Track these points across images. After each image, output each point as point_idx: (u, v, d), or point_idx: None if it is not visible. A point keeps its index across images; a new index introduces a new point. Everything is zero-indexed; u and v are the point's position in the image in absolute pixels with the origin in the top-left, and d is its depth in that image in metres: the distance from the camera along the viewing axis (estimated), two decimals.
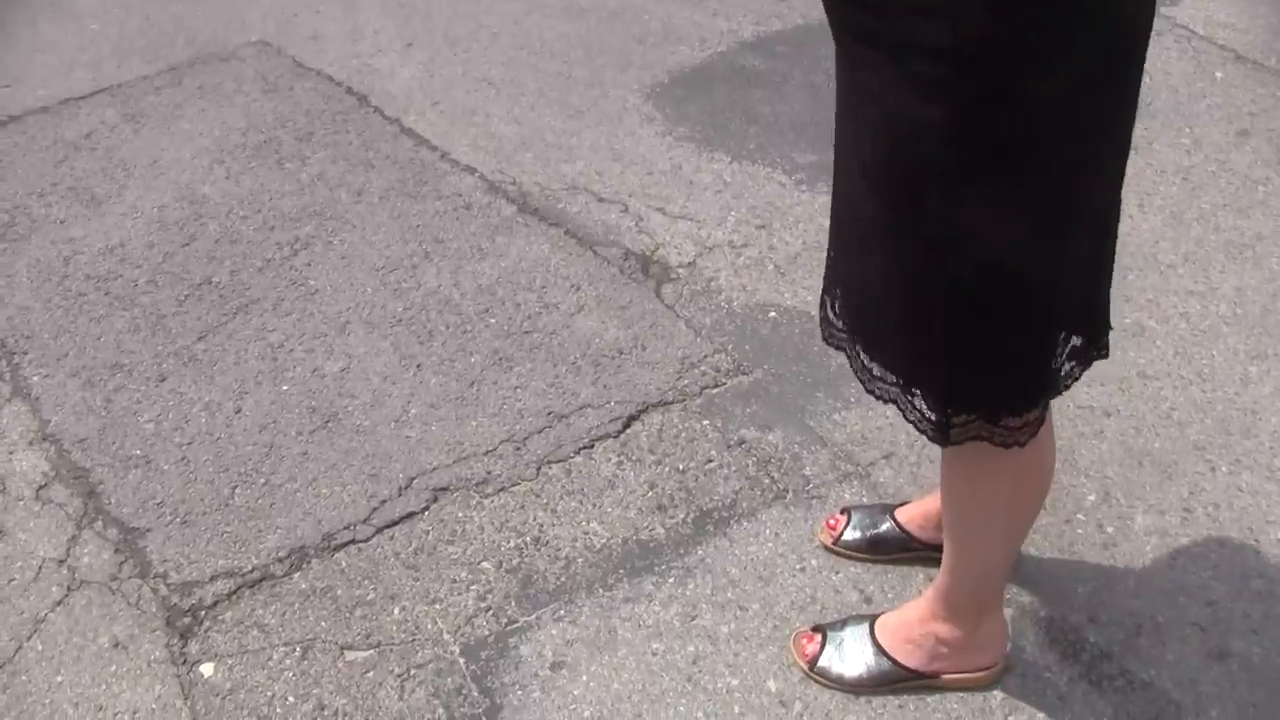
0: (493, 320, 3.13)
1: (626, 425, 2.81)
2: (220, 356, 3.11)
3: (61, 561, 2.61)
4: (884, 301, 1.75)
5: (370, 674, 2.33)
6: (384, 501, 2.67)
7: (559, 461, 2.73)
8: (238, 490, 2.73)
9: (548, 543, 2.55)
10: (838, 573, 2.43)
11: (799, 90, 4.03)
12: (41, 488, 2.79)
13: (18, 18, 5.17)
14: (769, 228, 3.38)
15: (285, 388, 2.99)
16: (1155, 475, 2.60)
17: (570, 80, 4.24)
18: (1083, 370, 1.81)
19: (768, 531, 2.53)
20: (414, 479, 2.71)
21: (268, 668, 2.36)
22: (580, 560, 2.51)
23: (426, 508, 2.65)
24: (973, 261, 1.60)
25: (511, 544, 2.55)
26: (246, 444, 2.85)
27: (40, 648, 2.44)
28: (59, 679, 2.38)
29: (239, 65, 4.57)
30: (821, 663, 2.25)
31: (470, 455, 2.76)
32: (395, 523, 2.62)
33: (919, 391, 1.79)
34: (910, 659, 2.19)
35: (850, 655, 2.23)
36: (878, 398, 1.87)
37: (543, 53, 4.43)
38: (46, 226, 3.71)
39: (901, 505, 2.48)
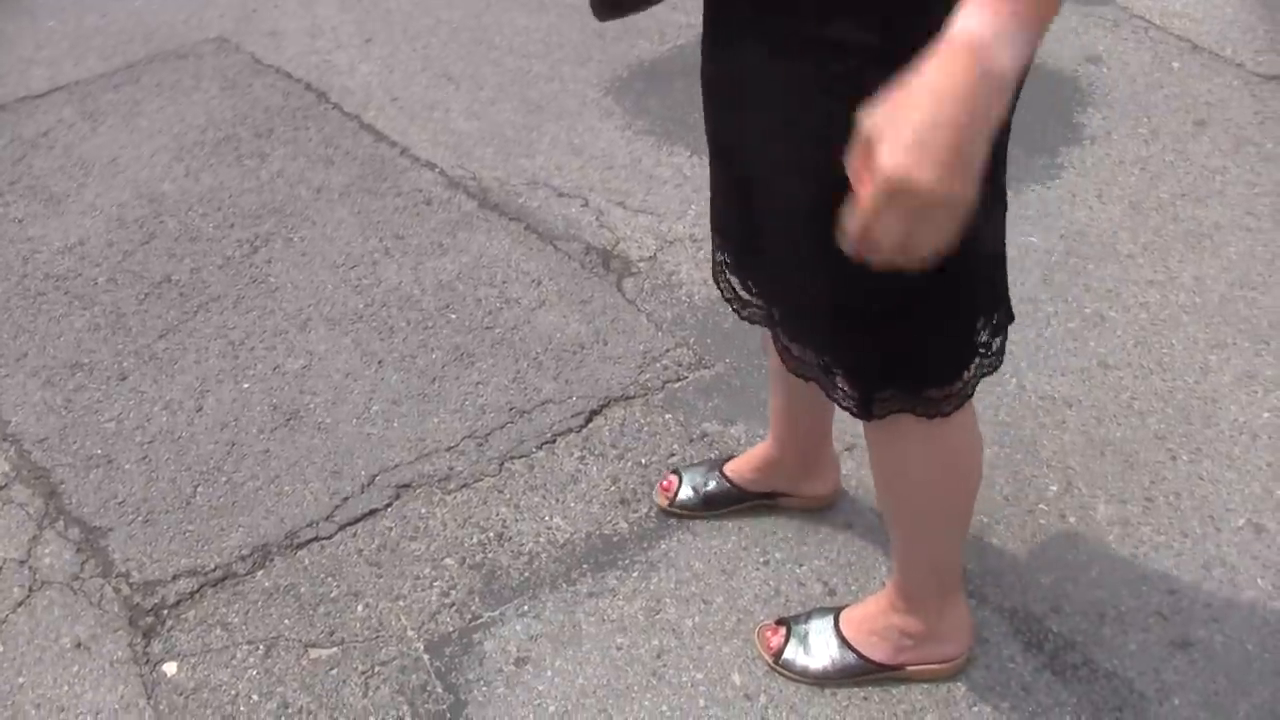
0: (454, 316, 3.13)
1: (589, 420, 2.81)
2: (181, 355, 3.10)
3: (23, 562, 2.60)
4: (804, 288, 1.75)
5: (334, 671, 2.33)
6: (346, 499, 2.66)
7: (521, 457, 2.73)
8: (199, 489, 2.72)
9: (511, 538, 2.55)
10: (801, 565, 2.44)
11: None
12: (2, 488, 2.77)
13: None
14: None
15: (246, 385, 2.98)
16: (1117, 465, 2.62)
17: (530, 75, 4.24)
18: (1003, 342, 1.81)
19: (730, 525, 2.54)
20: (376, 476, 2.71)
21: (231, 666, 2.35)
22: (544, 555, 2.51)
23: (389, 504, 2.64)
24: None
25: (474, 540, 2.55)
26: (208, 442, 2.84)
27: (1, 649, 2.43)
28: (20, 680, 2.36)
29: (197, 62, 4.54)
30: (786, 655, 2.25)
31: (432, 451, 2.76)
32: (358, 520, 2.62)
33: (840, 371, 1.79)
34: (875, 651, 2.20)
35: (815, 648, 2.24)
36: (798, 375, 1.89)
37: (502, 47, 4.43)
38: (4, 225, 3.68)
39: (729, 459, 2.55)
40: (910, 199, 1.20)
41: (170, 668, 2.36)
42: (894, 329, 1.70)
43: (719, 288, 2.01)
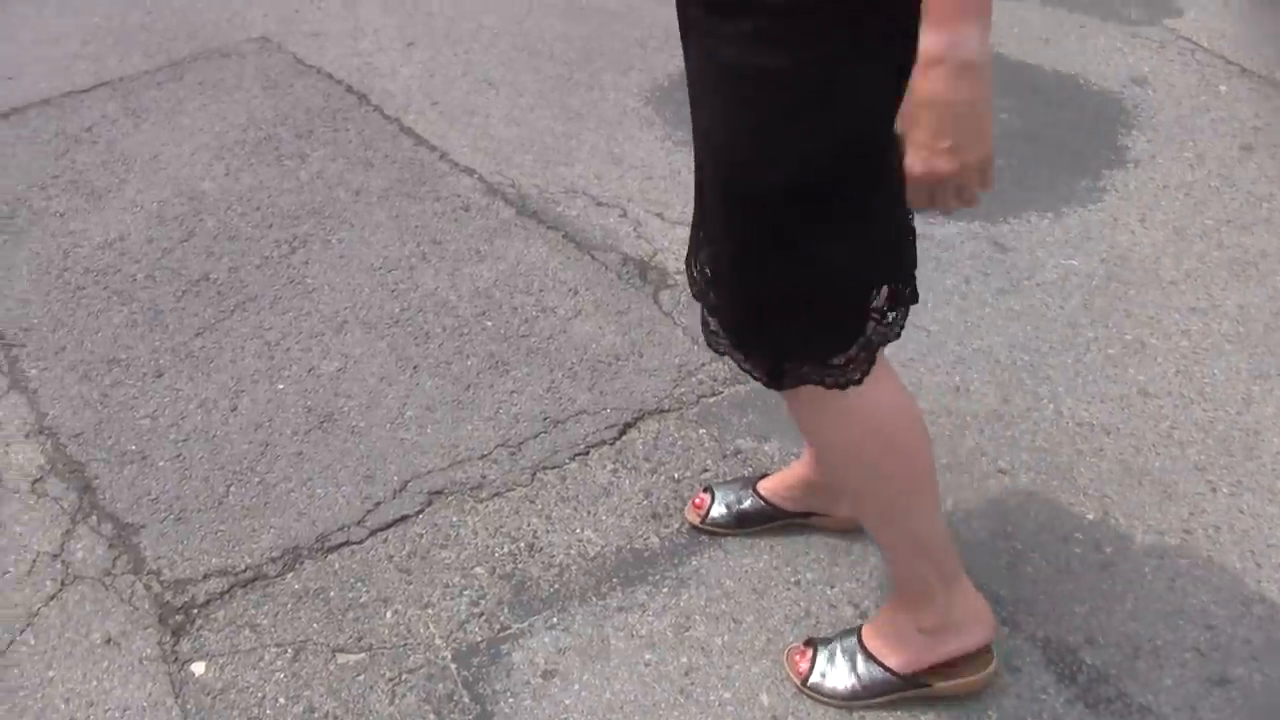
0: (489, 323, 3.13)
1: (622, 432, 2.80)
2: (217, 354, 3.10)
3: (56, 556, 2.60)
4: (721, 260, 1.85)
5: (361, 677, 2.32)
6: (378, 504, 2.66)
7: (554, 468, 2.73)
8: (232, 489, 2.72)
9: (541, 549, 2.54)
10: (833, 587, 2.43)
11: None
12: (37, 481, 2.78)
13: (22, 9, 5.16)
14: None
15: (281, 386, 2.98)
16: (1155, 495, 2.59)
17: (570, 82, 4.24)
18: (903, 315, 1.90)
19: (762, 543, 2.52)
20: (409, 482, 2.70)
21: (259, 668, 2.35)
22: (574, 568, 2.50)
23: (421, 511, 2.64)
24: (796, 235, 1.72)
25: (505, 550, 2.55)
26: (242, 442, 2.84)
27: (33, 642, 2.43)
28: (51, 674, 2.37)
29: (240, 61, 4.56)
30: (814, 679, 2.23)
31: (465, 459, 2.75)
32: (389, 525, 2.61)
33: (749, 343, 1.89)
34: (897, 659, 2.18)
35: (840, 667, 2.22)
36: (715, 350, 1.96)
37: (543, 54, 4.43)
38: (46, 219, 3.70)
39: (763, 478, 2.54)
40: (940, 184, 1.55)
41: (198, 667, 2.36)
42: (789, 300, 1.79)
43: (686, 268, 2.06)
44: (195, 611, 2.46)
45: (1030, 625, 2.33)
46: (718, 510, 2.55)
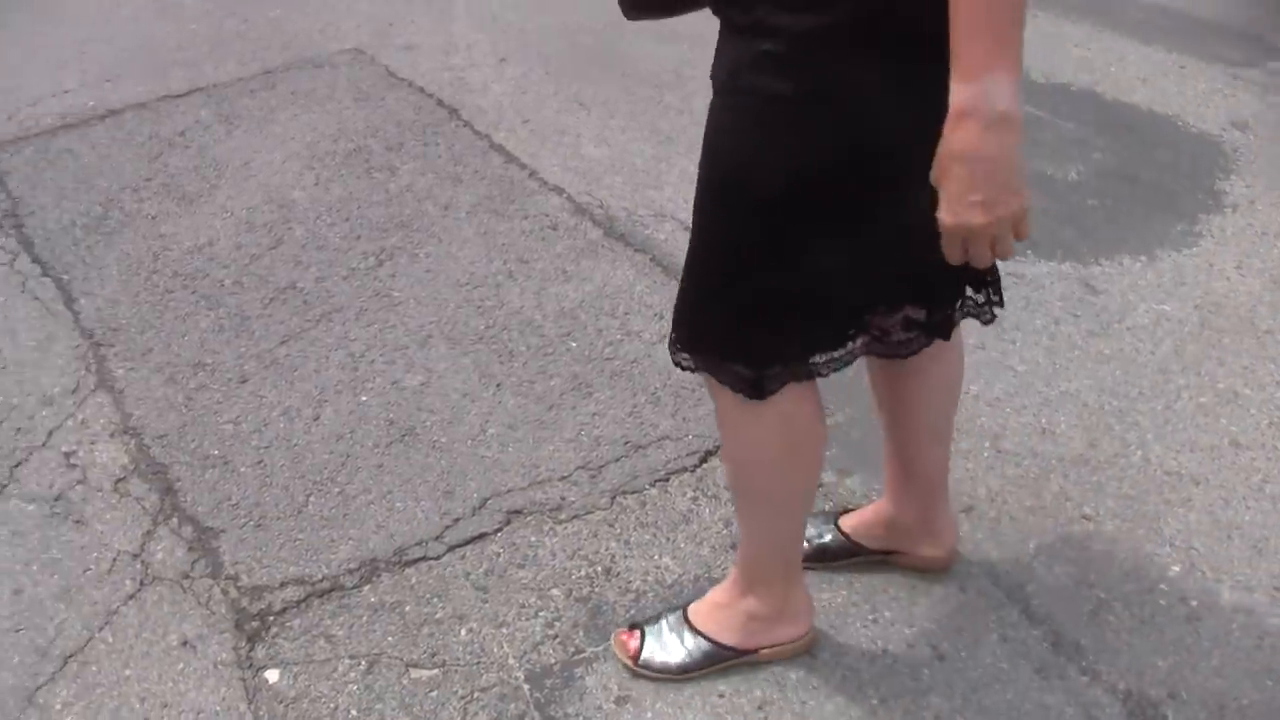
0: (574, 344, 3.13)
1: (703, 460, 2.79)
2: (301, 362, 3.12)
3: (136, 555, 2.62)
4: (700, 276, 1.89)
5: (434, 693, 2.32)
6: (457, 520, 2.66)
7: (634, 492, 2.71)
8: (312, 498, 2.73)
9: (619, 574, 2.53)
10: (911, 627, 2.39)
11: None
12: (120, 480, 2.80)
13: (121, 14, 5.24)
14: None
15: (364, 398, 2.99)
16: (1245, 550, 2.54)
17: (661, 105, 4.24)
18: (921, 342, 1.98)
19: (841, 579, 2.49)
20: (488, 499, 2.70)
21: (332, 679, 2.35)
22: (651, 594, 2.49)
23: (499, 529, 2.63)
24: (793, 243, 1.75)
25: (582, 572, 2.54)
26: (323, 452, 2.85)
27: (111, 640, 2.44)
28: (127, 673, 2.38)
29: (332, 72, 4.60)
30: (645, 655, 2.30)
31: (545, 479, 2.75)
32: (467, 542, 2.61)
33: (734, 360, 1.89)
34: (727, 636, 2.27)
35: (670, 644, 2.29)
36: (683, 368, 1.98)
37: (634, 76, 4.44)
38: (138, 221, 3.74)
39: (845, 513, 2.54)
40: (974, 236, 1.54)
41: (272, 675, 2.36)
42: (785, 315, 1.82)
43: None
44: (271, 619, 2.47)
45: (1111, 676, 2.29)
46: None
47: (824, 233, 1.73)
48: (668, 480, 2.71)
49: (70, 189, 3.97)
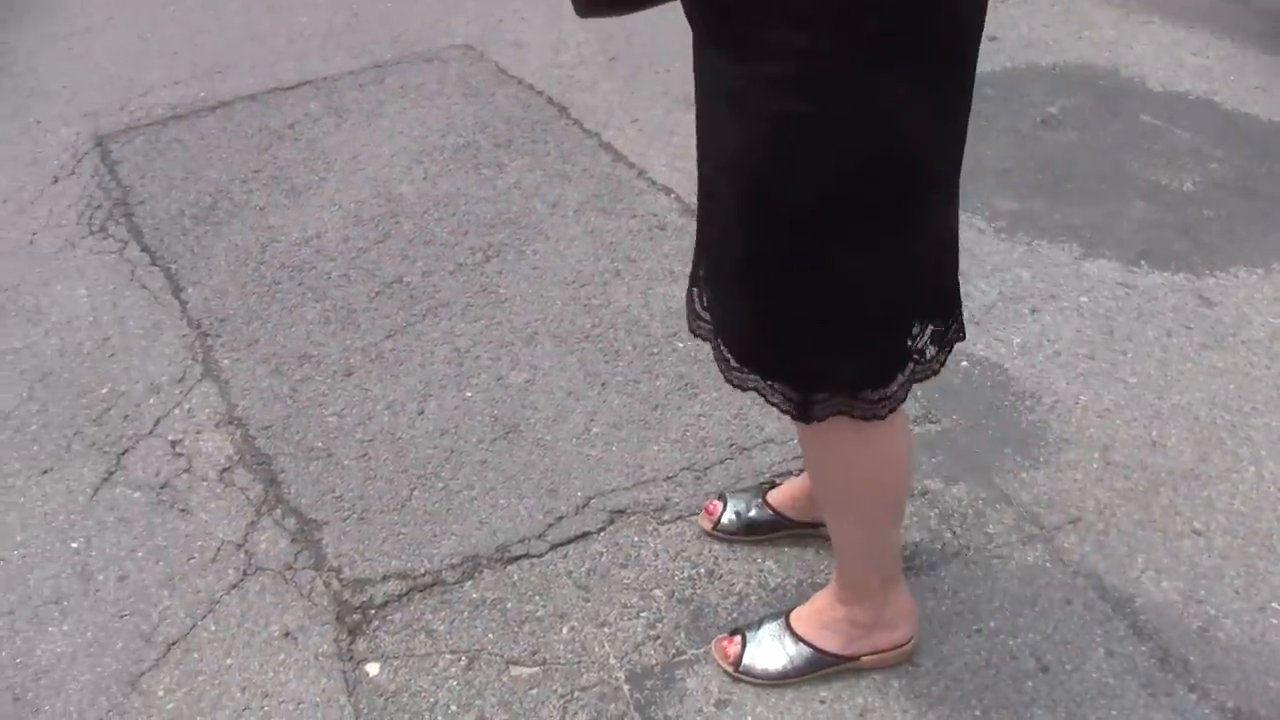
0: (680, 345, 3.10)
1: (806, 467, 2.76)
2: (407, 356, 3.12)
3: (239, 545, 2.63)
4: (739, 295, 1.82)
5: (534, 691, 2.30)
6: (560, 518, 2.65)
7: None
8: (415, 492, 2.73)
9: (722, 576, 2.51)
10: (1015, 638, 2.35)
11: (1003, 135, 3.95)
12: (225, 470, 2.82)
13: (231, 6, 5.29)
14: (966, 275, 3.30)
15: (469, 394, 2.99)
16: None
17: None
18: (945, 354, 1.88)
19: (946, 588, 2.46)
20: (592, 498, 2.69)
21: (432, 674, 2.34)
22: (753, 597, 2.46)
23: (603, 529, 2.62)
24: (826, 256, 1.68)
25: (685, 574, 2.51)
26: (427, 446, 2.85)
27: (213, 628, 2.46)
28: (229, 661, 2.39)
29: (442, 67, 4.61)
30: (745, 662, 2.28)
31: (650, 480, 2.73)
32: (570, 541, 2.60)
33: (777, 377, 1.85)
34: (828, 643, 2.25)
35: (770, 650, 2.27)
36: (736, 386, 1.92)
37: None
38: (246, 212, 3.77)
39: (772, 488, 2.57)
40: None
41: (373, 668, 2.36)
42: (826, 334, 1.76)
43: (687, 297, 2.07)
44: (373, 612, 2.47)
45: (1220, 695, 2.24)
46: (728, 517, 2.57)
47: (861, 247, 1.69)
48: (774, 484, 2.68)
49: (180, 179, 4.01)
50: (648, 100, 4.27)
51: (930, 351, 1.85)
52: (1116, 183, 3.67)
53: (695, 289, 2.03)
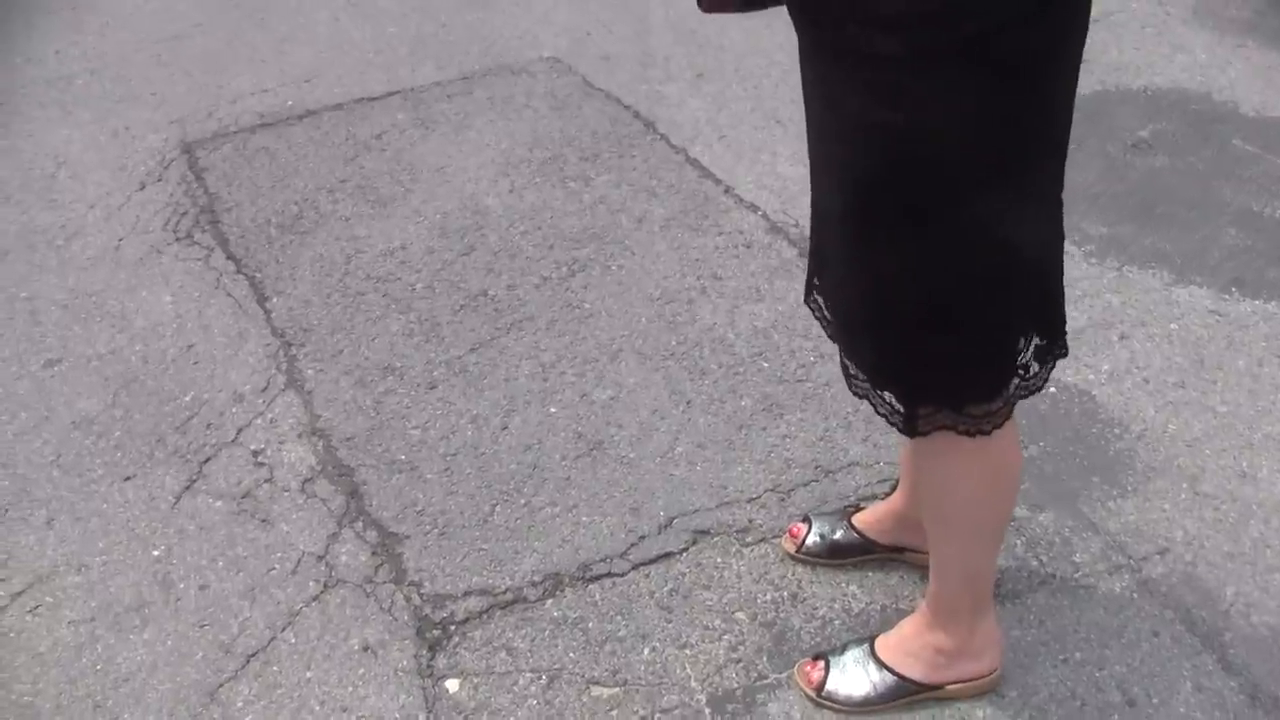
0: (765, 365, 3.07)
1: (894, 489, 2.70)
2: (491, 370, 3.10)
3: (320, 557, 2.62)
4: (853, 302, 1.84)
5: (614, 712, 2.28)
6: (643, 537, 2.62)
7: None
8: (498, 508, 2.71)
9: (805, 600, 2.47)
10: (1101, 670, 2.30)
11: (1093, 159, 3.90)
12: (307, 481, 2.81)
13: (320, 16, 5.32)
14: None
15: (553, 410, 2.97)
16: None
17: None
18: (1048, 371, 1.87)
19: (1032, 616, 2.41)
20: (675, 518, 2.66)
21: (513, 692, 2.32)
22: (837, 622, 2.43)
23: (685, 549, 2.59)
24: (938, 264, 1.68)
25: (768, 597, 2.48)
26: (510, 462, 2.83)
27: (293, 640, 2.45)
28: (308, 675, 2.38)
29: (529, 80, 4.60)
30: (829, 687, 2.26)
31: (734, 500, 2.70)
32: (652, 560, 2.57)
33: (885, 387, 1.87)
34: (912, 671, 2.23)
35: (854, 676, 2.25)
36: (854, 393, 1.97)
37: None
38: (332, 222, 3.77)
39: (857, 511, 2.55)
40: None
41: (452, 684, 2.34)
42: (931, 342, 1.76)
43: (809, 306, 2.06)
44: (453, 628, 2.45)
45: None
46: (812, 539, 2.54)
47: (961, 255, 1.68)
48: (859, 508, 2.64)
49: (266, 188, 4.02)
50: (735, 117, 4.24)
51: (1035, 368, 1.84)
52: (1208, 209, 3.61)
53: (819, 296, 2.03)
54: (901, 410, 1.85)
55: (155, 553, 2.68)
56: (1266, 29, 4.73)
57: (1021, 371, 1.82)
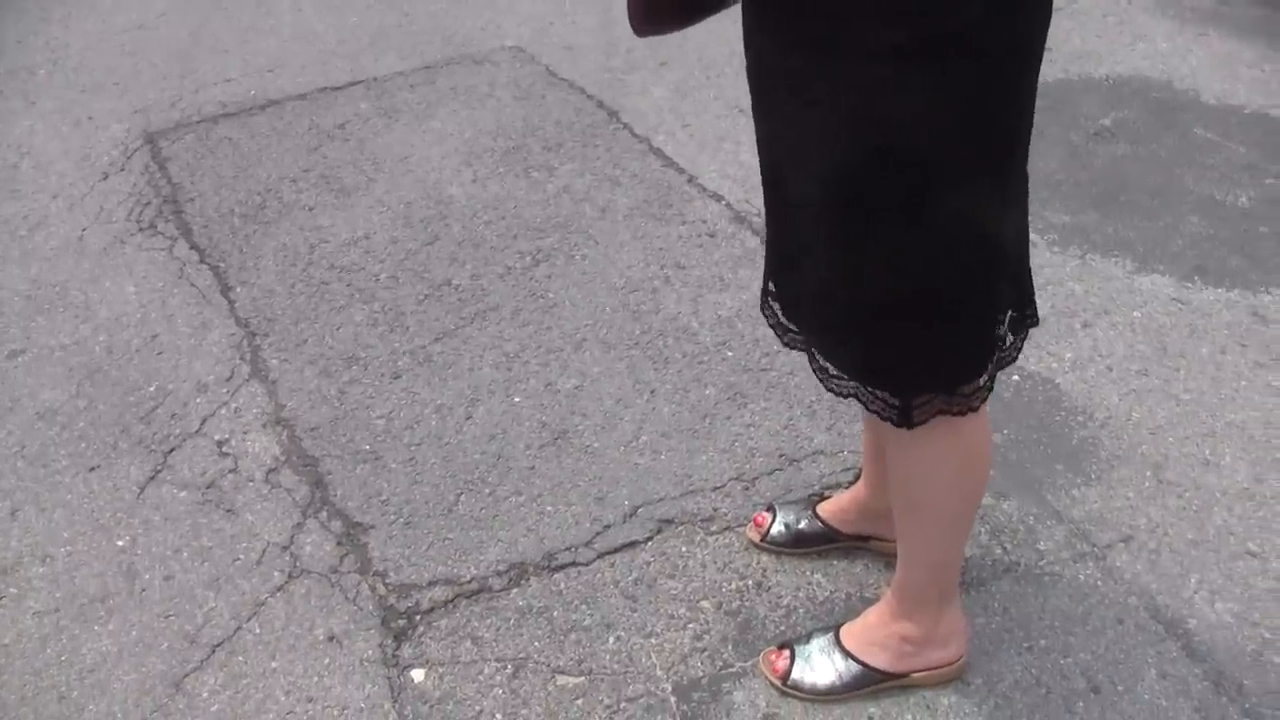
0: (730, 353, 3.08)
1: (858, 477, 2.71)
2: (455, 360, 3.11)
3: (285, 548, 2.62)
4: (837, 302, 1.82)
5: (580, 701, 2.29)
6: (607, 526, 2.63)
7: None
8: (462, 497, 2.71)
9: (770, 588, 2.48)
10: (1066, 657, 2.32)
11: (1055, 146, 3.92)
12: (271, 471, 2.81)
13: (283, 6, 5.30)
14: None
15: (517, 399, 2.98)
16: None
17: None
18: (1022, 340, 1.92)
19: (996, 604, 2.43)
20: (639, 507, 2.67)
21: (478, 681, 2.33)
22: (801, 610, 2.44)
23: (650, 538, 2.60)
24: (926, 255, 1.69)
25: (733, 586, 2.49)
26: (475, 451, 2.83)
27: (258, 630, 2.45)
28: (273, 664, 2.38)
29: (493, 69, 4.60)
30: (794, 676, 2.26)
31: (698, 489, 2.71)
32: (617, 550, 2.58)
33: (879, 383, 1.86)
34: (878, 660, 2.24)
35: (819, 665, 2.26)
36: (837, 394, 1.95)
37: None
38: (295, 212, 3.76)
39: (822, 500, 2.56)
40: None
41: (418, 674, 2.35)
42: (921, 334, 1.78)
43: (764, 315, 2.07)
44: (418, 618, 2.46)
45: None
46: (777, 528, 2.55)
47: (952, 239, 1.70)
48: (823, 496, 2.66)
49: (229, 177, 4.01)
50: (699, 106, 4.25)
51: (1010, 339, 1.88)
52: (1170, 197, 3.63)
53: (775, 303, 2.03)
54: (897, 404, 1.85)
55: (120, 543, 2.67)
56: (1228, 18, 4.77)
57: (1000, 344, 1.85)
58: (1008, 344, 1.88)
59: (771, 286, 2.02)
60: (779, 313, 2.03)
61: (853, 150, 1.63)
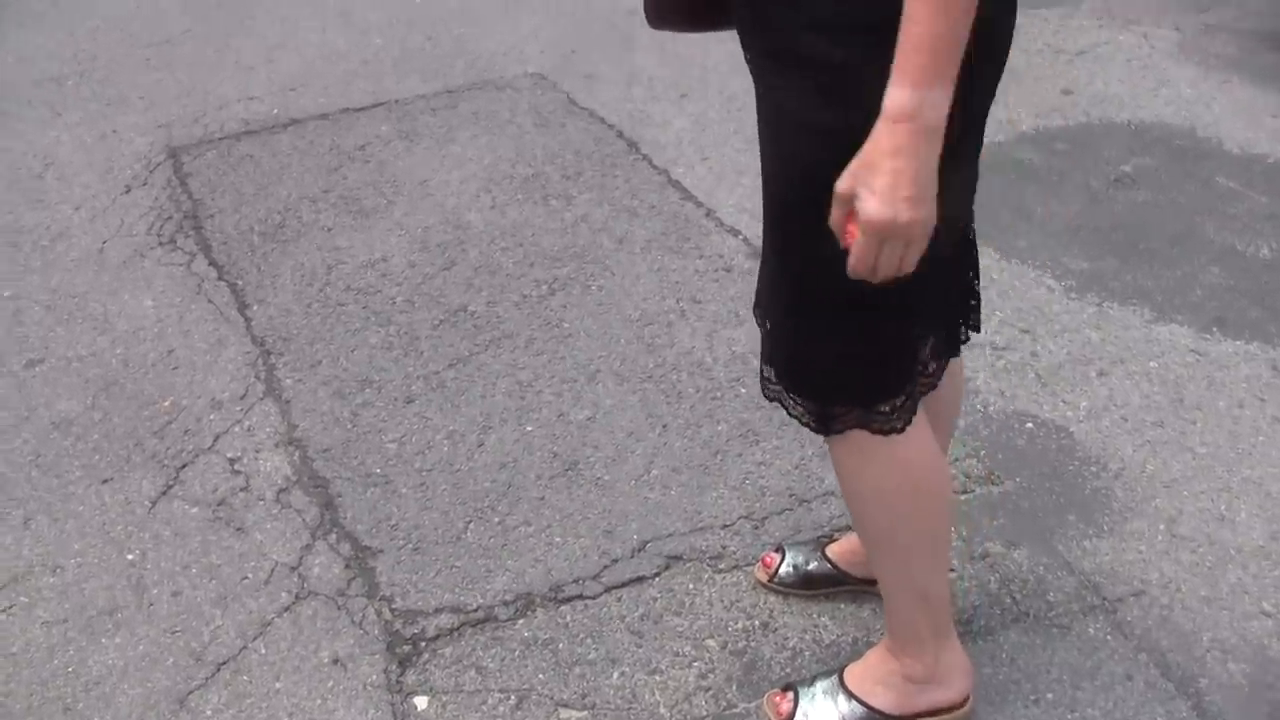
0: (744, 390, 3.09)
1: None
2: (468, 387, 3.12)
3: (293, 568, 2.63)
4: (779, 298, 1.89)
5: None
6: (616, 560, 2.63)
7: None
8: (471, 525, 2.72)
9: (776, 630, 2.49)
10: (1074, 712, 2.31)
11: (1076, 191, 3.93)
12: (282, 491, 2.82)
13: (308, 25, 5.32)
14: (1033, 333, 3.28)
15: (529, 428, 2.98)
16: None
17: None
18: (943, 368, 1.99)
19: (1003, 655, 2.42)
20: (648, 542, 2.67)
21: (481, 711, 2.33)
22: (807, 653, 2.44)
23: (658, 574, 2.60)
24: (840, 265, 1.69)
25: (739, 625, 2.49)
26: (485, 479, 2.84)
27: (263, 651, 2.46)
28: (278, 685, 2.38)
29: (514, 95, 4.62)
30: (797, 718, 2.24)
31: (707, 526, 2.71)
32: (625, 584, 2.58)
33: (797, 386, 1.91)
34: (881, 701, 2.21)
35: (823, 707, 2.24)
36: (766, 397, 1.98)
37: None
38: (314, 232, 3.78)
39: (833, 541, 2.56)
40: (896, 233, 1.52)
41: (421, 701, 2.35)
42: (847, 342, 1.82)
43: (754, 314, 2.08)
44: (424, 644, 2.46)
45: None
46: (785, 569, 2.54)
47: None
48: (832, 538, 2.66)
49: (250, 195, 4.03)
50: (718, 139, 4.27)
51: (931, 366, 1.95)
52: (1190, 246, 3.64)
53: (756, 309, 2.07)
54: (814, 409, 1.90)
55: (130, 557, 2.68)
56: (1252, 66, 4.77)
57: (921, 368, 1.90)
58: (930, 370, 1.94)
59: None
60: (755, 314, 2.07)
61: (791, 160, 1.71)
